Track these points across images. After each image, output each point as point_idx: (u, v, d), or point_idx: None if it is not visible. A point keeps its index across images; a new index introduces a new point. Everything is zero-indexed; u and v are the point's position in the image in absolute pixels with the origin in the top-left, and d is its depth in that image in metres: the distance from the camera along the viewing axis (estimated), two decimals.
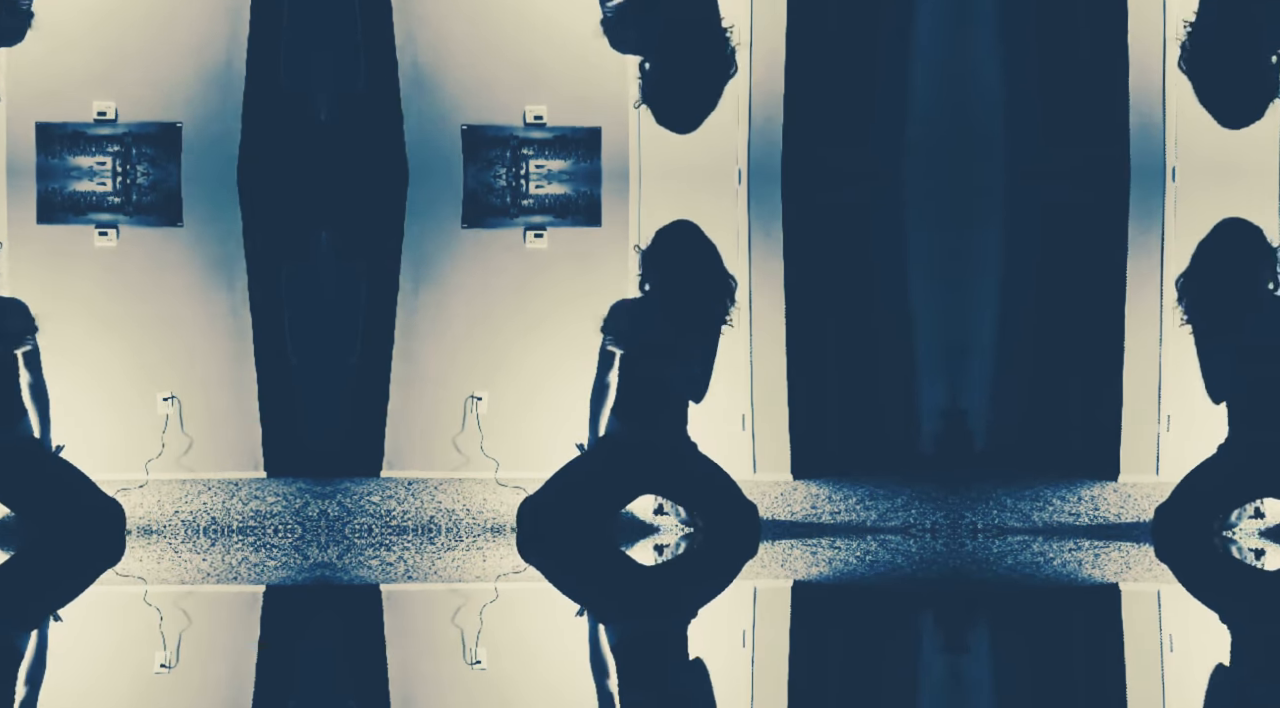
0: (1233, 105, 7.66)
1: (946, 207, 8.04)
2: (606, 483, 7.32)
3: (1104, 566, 6.91)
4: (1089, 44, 8.01)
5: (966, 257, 8.08)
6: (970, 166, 8.02)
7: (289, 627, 6.04)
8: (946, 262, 8.09)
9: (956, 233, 8.06)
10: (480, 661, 5.44)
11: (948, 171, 8.03)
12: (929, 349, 8.09)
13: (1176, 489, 7.27)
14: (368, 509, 7.53)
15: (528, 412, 7.98)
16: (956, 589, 6.55)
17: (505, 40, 8.00)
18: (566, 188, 8.06)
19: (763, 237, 8.06)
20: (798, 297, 8.08)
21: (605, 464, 7.32)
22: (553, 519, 7.26)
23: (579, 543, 7.26)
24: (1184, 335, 7.67)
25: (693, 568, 7.10)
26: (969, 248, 8.08)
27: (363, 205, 7.91)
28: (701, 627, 6.05)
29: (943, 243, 8.08)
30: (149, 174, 7.93)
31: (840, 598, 6.51)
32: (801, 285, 8.09)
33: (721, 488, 7.33)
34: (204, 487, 7.77)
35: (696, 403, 7.38)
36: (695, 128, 7.86)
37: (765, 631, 6.03)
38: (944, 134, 8.03)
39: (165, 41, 7.90)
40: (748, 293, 8.02)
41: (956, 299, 8.08)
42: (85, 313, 7.88)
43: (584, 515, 7.30)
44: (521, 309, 8.04)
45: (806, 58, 8.03)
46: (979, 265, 8.09)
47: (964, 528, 7.43)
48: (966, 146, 8.02)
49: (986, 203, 8.03)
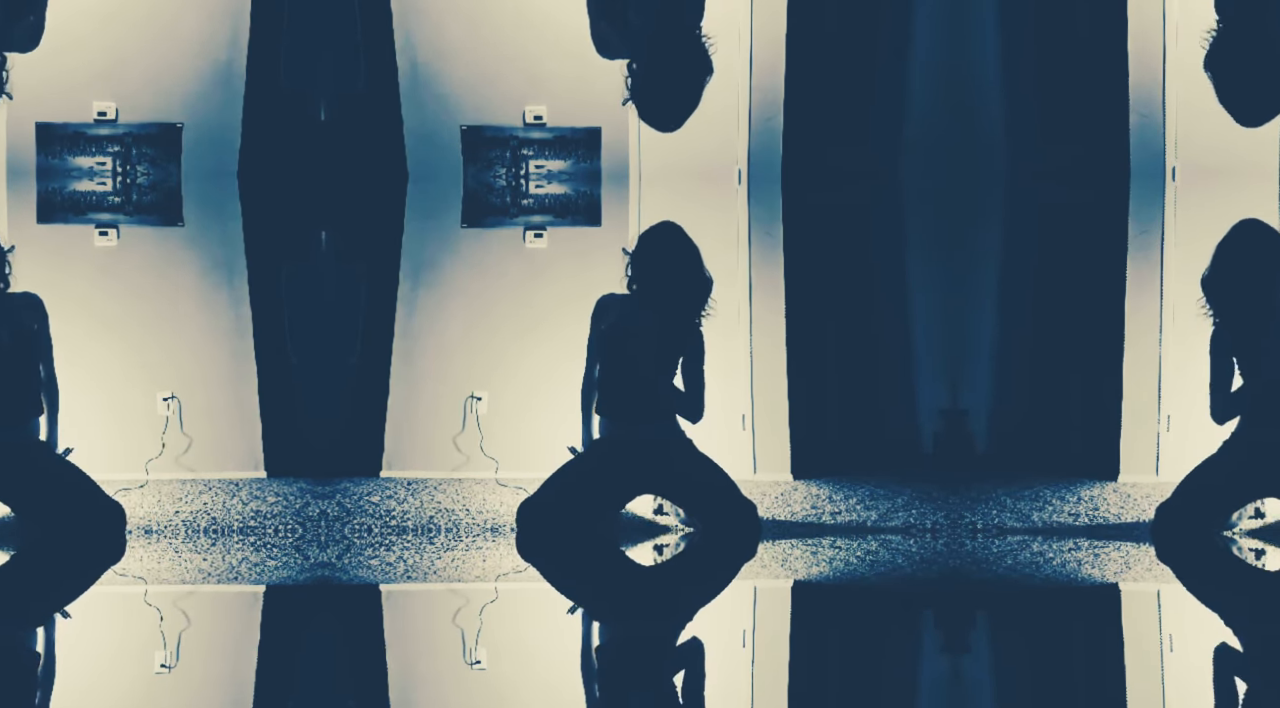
0: (1252, 104, 7.68)
1: (946, 206, 8.04)
2: (604, 482, 7.32)
3: (1104, 566, 6.90)
4: (1089, 44, 8.01)
5: (966, 256, 8.08)
6: (970, 166, 8.02)
7: (289, 627, 6.04)
8: (946, 261, 8.09)
9: (956, 233, 8.06)
10: (480, 661, 5.44)
11: (947, 171, 8.03)
12: (929, 349, 8.10)
13: (1178, 489, 7.26)
14: (368, 509, 7.53)
15: (527, 412, 7.98)
16: (956, 589, 6.55)
17: (505, 40, 8.00)
18: (566, 188, 8.07)
19: (763, 237, 8.06)
20: (798, 297, 8.08)
21: (602, 463, 7.33)
22: (552, 520, 7.27)
23: (578, 544, 7.26)
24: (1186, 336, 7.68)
25: (691, 569, 7.10)
26: (969, 248, 8.08)
27: (363, 205, 7.91)
28: (701, 627, 6.05)
29: (942, 243, 8.08)
30: (149, 174, 7.93)
31: (840, 598, 6.51)
32: (801, 285, 8.09)
33: (720, 487, 7.33)
34: (204, 487, 7.77)
35: (694, 422, 7.40)
36: (679, 126, 7.90)
37: (765, 631, 6.03)
38: (944, 134, 8.03)
39: (165, 41, 7.90)
40: (748, 293, 8.02)
41: (956, 299, 8.08)
42: (85, 313, 7.88)
43: (583, 515, 7.31)
44: (521, 309, 8.04)
45: (806, 58, 8.03)
46: (979, 265, 8.09)
47: (964, 528, 7.43)
48: (966, 146, 8.02)
49: (986, 203, 8.03)
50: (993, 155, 8.01)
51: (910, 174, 8.05)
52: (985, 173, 8.01)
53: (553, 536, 7.25)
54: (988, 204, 8.03)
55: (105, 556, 7.00)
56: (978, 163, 8.01)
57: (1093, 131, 7.99)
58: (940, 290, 8.09)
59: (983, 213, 8.04)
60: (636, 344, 7.36)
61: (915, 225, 8.09)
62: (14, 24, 7.58)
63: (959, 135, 8.02)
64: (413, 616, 6.23)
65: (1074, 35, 8.01)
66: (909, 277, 8.13)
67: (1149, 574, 6.83)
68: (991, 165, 8.01)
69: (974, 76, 8.03)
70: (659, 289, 7.37)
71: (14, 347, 7.25)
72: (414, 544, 7.21)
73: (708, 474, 7.35)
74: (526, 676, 5.28)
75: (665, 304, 7.37)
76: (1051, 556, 7.02)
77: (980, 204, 8.03)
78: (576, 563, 7.12)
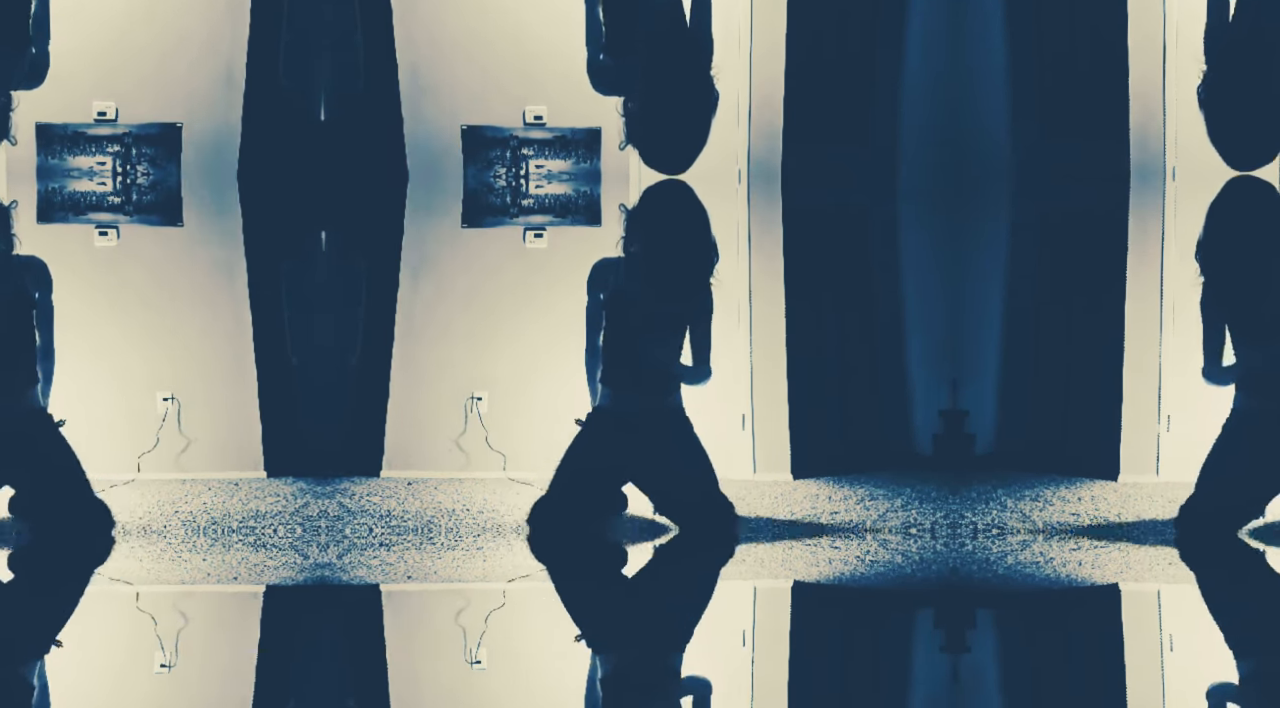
0: (1243, 148, 7.60)
1: (946, 206, 8.04)
2: (601, 469, 7.26)
3: (1104, 565, 6.90)
4: (1089, 44, 8.01)
5: (966, 257, 8.08)
6: (970, 166, 8.02)
7: (289, 627, 6.04)
8: (946, 262, 8.09)
9: (956, 233, 8.06)
10: (480, 661, 5.44)
11: (947, 171, 8.03)
12: (929, 349, 8.10)
13: (1199, 486, 7.14)
14: (368, 509, 7.53)
15: (527, 411, 7.98)
16: (956, 589, 6.55)
17: (505, 40, 8.01)
18: (566, 188, 8.07)
19: (763, 237, 8.06)
20: (798, 297, 8.08)
21: (597, 448, 7.25)
22: (560, 519, 7.23)
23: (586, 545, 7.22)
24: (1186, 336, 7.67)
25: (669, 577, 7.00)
26: (969, 248, 8.08)
27: (363, 205, 7.91)
28: (701, 627, 6.05)
29: (942, 243, 8.08)
30: (149, 174, 7.93)
31: (840, 598, 6.51)
32: (801, 285, 8.09)
33: (700, 481, 7.26)
34: (204, 486, 7.77)
35: (704, 384, 7.30)
36: (687, 168, 7.76)
37: (765, 631, 6.02)
38: (944, 134, 8.03)
39: (165, 41, 7.90)
40: (748, 293, 8.02)
41: (956, 299, 8.08)
42: (85, 313, 7.88)
43: (589, 509, 7.26)
44: (521, 309, 8.04)
45: (806, 58, 8.03)
46: (979, 265, 8.09)
47: (964, 528, 7.43)
48: (966, 146, 8.02)
49: (986, 202, 8.03)
50: (992, 155, 8.00)
51: (910, 174, 8.05)
52: (985, 172, 8.01)
53: (564, 535, 7.21)
54: (987, 203, 8.03)
55: (91, 556, 6.97)
56: (978, 162, 8.01)
57: (1093, 132, 7.99)
58: (940, 290, 8.09)
59: (982, 212, 8.04)
60: (638, 314, 7.29)
61: (915, 225, 8.09)
62: (17, 59, 7.53)
63: (959, 135, 8.03)
64: (413, 616, 6.22)
65: (1074, 35, 8.01)
66: (909, 277, 8.13)
67: (1149, 574, 6.82)
68: (991, 165, 8.01)
69: (974, 76, 8.03)
70: (663, 253, 7.26)
71: (10, 311, 7.18)
72: (414, 544, 7.21)
73: (691, 466, 7.27)
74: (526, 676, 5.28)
75: (668, 270, 7.28)
76: (1051, 555, 7.02)
77: (980, 204, 8.03)
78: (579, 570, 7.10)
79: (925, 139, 8.05)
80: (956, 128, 8.03)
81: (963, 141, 8.03)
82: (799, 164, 8.05)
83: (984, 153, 8.01)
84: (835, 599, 6.50)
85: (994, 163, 8.01)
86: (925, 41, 8.06)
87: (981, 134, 8.02)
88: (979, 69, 8.04)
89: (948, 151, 8.04)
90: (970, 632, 5.96)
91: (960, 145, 8.03)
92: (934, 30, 8.04)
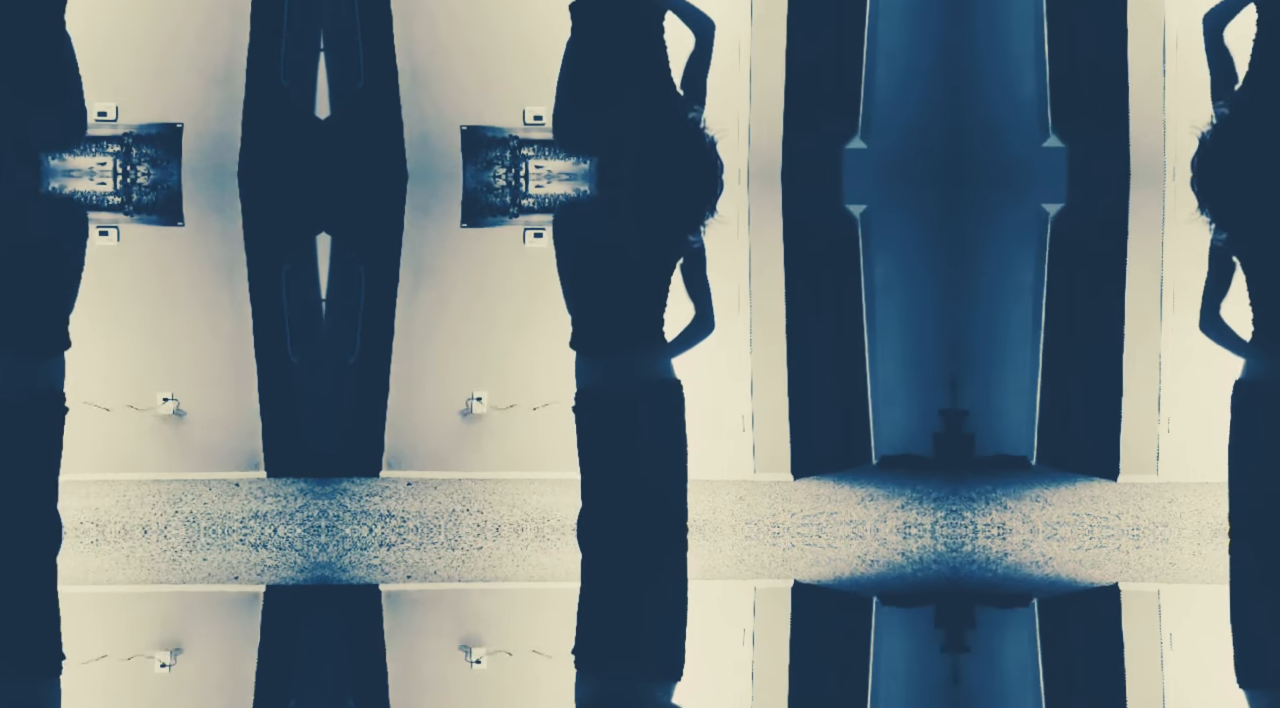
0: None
1: (946, 206, 8.05)
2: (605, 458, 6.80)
3: (1104, 566, 6.90)
4: (1088, 43, 8.01)
5: (966, 256, 8.08)
6: (970, 166, 8.02)
7: (289, 627, 6.04)
8: (946, 262, 8.09)
9: (956, 232, 8.06)
10: (480, 661, 5.44)
11: (947, 171, 8.03)
12: (929, 349, 8.09)
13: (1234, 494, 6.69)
14: (368, 509, 7.53)
15: (527, 411, 7.98)
16: (956, 590, 6.55)
17: (505, 40, 8.00)
18: (567, 188, 8.06)
19: (762, 237, 8.06)
20: (798, 297, 8.08)
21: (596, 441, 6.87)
22: (605, 527, 6.79)
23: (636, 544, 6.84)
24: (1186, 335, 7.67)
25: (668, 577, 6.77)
26: (968, 248, 8.08)
27: (362, 205, 7.91)
28: (701, 627, 6.05)
29: (942, 242, 8.08)
30: (149, 174, 7.93)
31: (840, 598, 6.51)
32: (801, 286, 8.08)
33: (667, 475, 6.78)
34: (204, 486, 7.77)
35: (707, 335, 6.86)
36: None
37: (765, 631, 6.02)
38: (944, 134, 8.03)
39: (165, 41, 7.90)
40: (748, 293, 8.02)
41: (956, 299, 8.08)
42: (85, 313, 7.87)
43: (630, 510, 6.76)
44: (521, 309, 8.04)
45: (806, 58, 8.03)
46: (978, 265, 8.09)
47: (964, 528, 7.43)
48: (966, 146, 8.02)
49: (986, 202, 8.03)
50: (992, 154, 8.01)
51: (909, 174, 8.05)
52: (985, 172, 8.01)
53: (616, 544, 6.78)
54: (987, 203, 8.03)
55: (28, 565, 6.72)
56: (977, 162, 8.01)
57: (1093, 131, 7.99)
58: (940, 290, 8.09)
59: (982, 212, 8.04)
60: (615, 263, 6.75)
61: (915, 225, 8.09)
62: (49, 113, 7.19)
63: (959, 135, 8.03)
64: (413, 616, 6.22)
65: (1074, 35, 8.01)
66: (909, 276, 8.13)
67: (1149, 574, 6.82)
68: (991, 164, 8.01)
69: (974, 75, 8.03)
70: (648, 192, 6.78)
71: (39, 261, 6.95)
72: (414, 544, 7.21)
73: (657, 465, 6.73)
74: (526, 676, 5.28)
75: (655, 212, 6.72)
76: (1051, 555, 7.02)
77: (980, 203, 8.03)
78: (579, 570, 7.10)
79: (925, 138, 8.05)
80: (956, 127, 8.03)
81: (963, 141, 8.03)
82: (799, 164, 8.04)
83: (984, 152, 8.01)
84: (835, 599, 6.49)
85: (994, 161, 8.01)
86: (925, 41, 8.06)
87: (982, 133, 8.02)
88: (979, 68, 8.04)
89: (948, 151, 8.04)
90: (970, 632, 5.96)
91: (960, 145, 8.03)
92: (934, 30, 8.05)
